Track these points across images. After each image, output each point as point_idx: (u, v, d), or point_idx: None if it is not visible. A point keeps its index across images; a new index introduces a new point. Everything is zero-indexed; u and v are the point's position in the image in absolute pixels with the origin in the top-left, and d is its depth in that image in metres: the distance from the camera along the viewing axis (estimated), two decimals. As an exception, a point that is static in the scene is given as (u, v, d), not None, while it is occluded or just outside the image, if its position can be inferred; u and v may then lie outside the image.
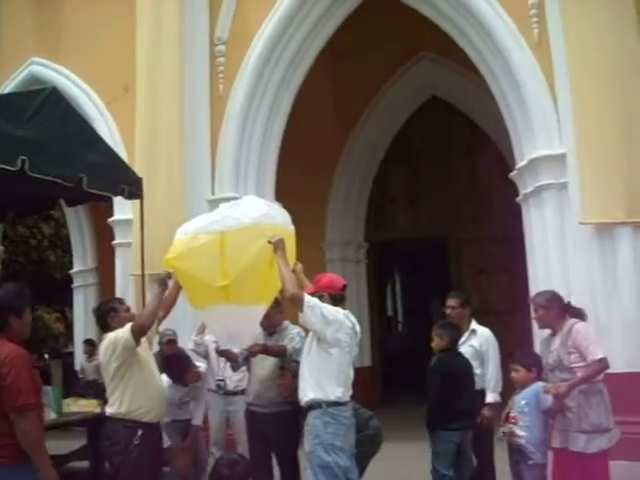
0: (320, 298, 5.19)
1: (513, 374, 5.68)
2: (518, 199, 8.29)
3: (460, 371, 5.94)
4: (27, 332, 4.35)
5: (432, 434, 5.84)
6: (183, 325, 7.56)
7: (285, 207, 5.83)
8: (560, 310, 5.62)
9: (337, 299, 5.37)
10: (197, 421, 6.93)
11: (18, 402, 4.01)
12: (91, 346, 12.01)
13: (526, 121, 7.90)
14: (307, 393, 5.12)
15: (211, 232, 5.18)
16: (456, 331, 6.19)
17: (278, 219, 5.35)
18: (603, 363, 5.36)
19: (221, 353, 6.47)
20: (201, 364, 7.15)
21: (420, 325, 15.68)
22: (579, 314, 5.64)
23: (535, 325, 6.01)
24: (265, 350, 6.03)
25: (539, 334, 6.37)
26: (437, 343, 6.05)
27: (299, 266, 5.68)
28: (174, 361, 6.72)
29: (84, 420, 7.61)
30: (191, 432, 6.87)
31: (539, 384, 5.54)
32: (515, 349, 6.48)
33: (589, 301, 7.08)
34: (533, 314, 5.77)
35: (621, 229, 7.19)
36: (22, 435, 4.01)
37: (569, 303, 5.71)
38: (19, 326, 4.25)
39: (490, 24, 8.06)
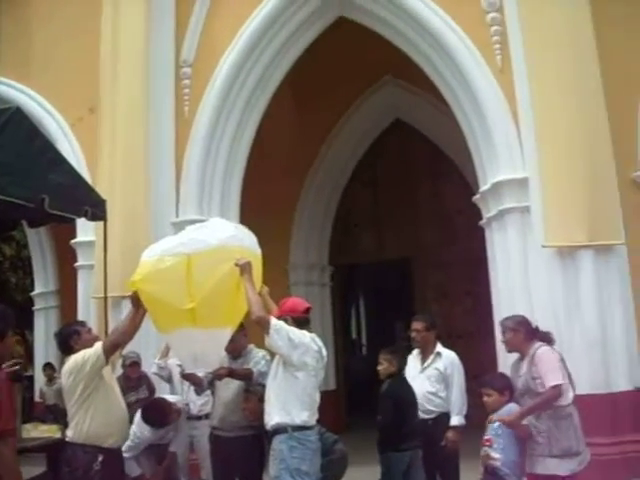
0: (284, 322, 5.18)
1: (485, 398, 5.69)
2: (481, 222, 8.37)
3: (409, 396, 6.14)
4: (8, 355, 4.29)
5: (383, 455, 5.98)
6: (147, 348, 7.51)
7: (249, 229, 5.82)
8: (528, 333, 5.67)
9: (301, 322, 5.35)
10: (174, 447, 6.85)
11: None
12: (51, 370, 11.84)
13: (489, 145, 7.99)
14: (273, 417, 5.08)
15: (177, 254, 5.13)
16: (404, 357, 6.41)
17: (245, 241, 5.33)
18: (556, 390, 5.40)
19: (186, 377, 6.40)
20: (175, 397, 7.07)
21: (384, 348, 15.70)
22: (547, 338, 5.69)
23: (500, 348, 6.05)
24: (231, 373, 5.98)
25: (504, 357, 6.42)
26: (386, 368, 6.20)
27: (265, 289, 5.66)
28: (153, 409, 6.62)
29: (44, 446, 7.44)
30: (168, 457, 6.78)
31: (511, 406, 5.56)
32: (480, 372, 6.50)
33: (552, 323, 7.13)
34: (501, 337, 5.82)
35: (583, 252, 7.28)
36: (1, 460, 3.94)
37: (537, 327, 5.76)
38: (0, 349, 4.19)
39: (454, 50, 8.16)
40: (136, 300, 5.31)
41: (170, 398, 6.90)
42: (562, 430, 5.40)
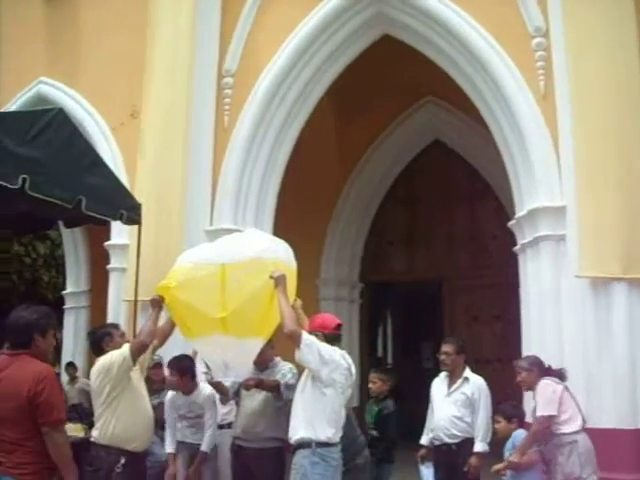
0: (315, 337, 5.18)
1: (495, 425, 5.82)
2: (515, 248, 8.30)
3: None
4: (49, 353, 4.51)
5: (383, 466, 6.62)
6: (173, 354, 7.52)
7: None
8: (541, 373, 5.78)
9: (332, 338, 5.35)
10: (205, 447, 6.78)
11: (52, 417, 4.19)
12: (73, 369, 11.93)
13: (528, 172, 7.93)
14: (298, 431, 5.08)
15: (213, 263, 5.17)
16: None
17: (281, 254, 5.35)
18: (539, 421, 5.49)
19: (214, 384, 6.41)
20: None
21: (409, 368, 15.62)
22: (559, 375, 5.76)
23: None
24: (260, 384, 5.98)
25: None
26: (379, 387, 6.53)
27: (298, 302, 5.67)
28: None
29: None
30: (198, 457, 6.77)
31: (518, 432, 5.64)
32: (506, 399, 6.47)
33: (581, 354, 7.09)
34: (517, 377, 5.89)
35: (616, 284, 7.18)
36: (55, 448, 4.21)
37: (549, 366, 5.84)
38: (43, 345, 4.36)
39: (497, 73, 8.12)
40: (157, 303, 5.36)
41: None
42: (565, 456, 5.47)
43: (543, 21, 7.99)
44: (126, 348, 5.28)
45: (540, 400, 5.65)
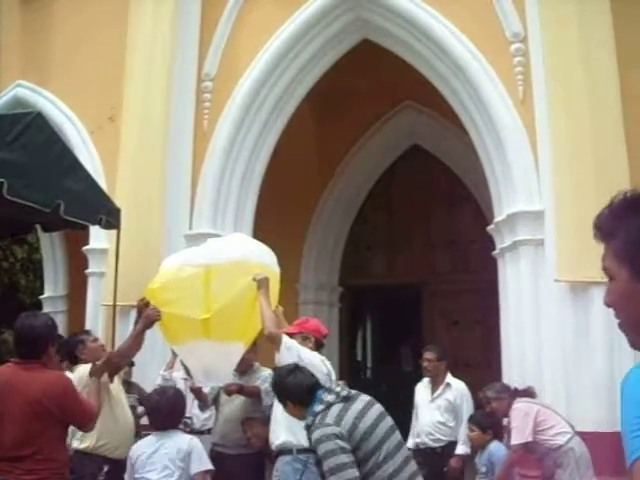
0: (304, 340, 5.18)
1: (469, 433, 5.81)
2: (494, 253, 8.33)
3: None
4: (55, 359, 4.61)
5: None
6: (152, 359, 7.49)
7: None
8: (510, 397, 5.80)
9: (321, 345, 5.38)
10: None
11: (86, 418, 4.47)
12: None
13: (507, 176, 7.97)
14: (279, 436, 5.07)
15: (197, 265, 5.17)
16: None
17: (265, 258, 5.36)
18: (514, 449, 5.55)
19: (193, 390, 6.37)
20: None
21: (389, 372, 15.62)
22: (529, 394, 5.80)
23: (507, 379, 6.08)
24: (241, 390, 5.96)
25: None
26: None
27: (280, 309, 5.67)
28: None
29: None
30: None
31: (494, 446, 5.66)
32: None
33: (560, 358, 7.12)
34: (486, 408, 5.92)
35: (595, 288, 7.20)
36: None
37: (516, 389, 5.87)
38: (53, 354, 4.44)
39: (476, 78, 8.16)
40: (143, 309, 5.33)
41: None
42: (562, 466, 5.48)
43: (521, 27, 8.05)
44: (85, 372, 5.23)
45: (513, 428, 5.65)
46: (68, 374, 5.38)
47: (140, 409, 6.90)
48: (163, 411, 5.17)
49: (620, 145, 7.36)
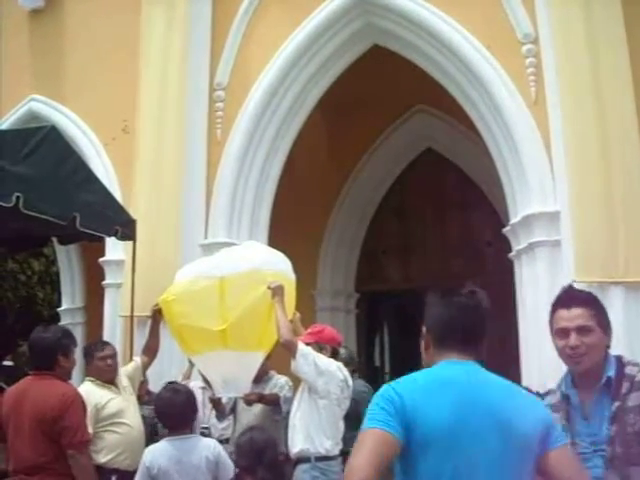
0: (320, 350, 5.17)
1: None
2: (511, 255, 8.30)
3: None
4: (72, 372, 4.55)
5: None
6: (169, 368, 7.50)
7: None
8: None
9: (335, 353, 5.38)
10: None
11: (76, 439, 4.25)
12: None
13: (521, 178, 7.94)
14: (296, 444, 5.06)
15: (211, 276, 5.16)
16: None
17: (279, 266, 5.35)
18: None
19: (212, 401, 6.36)
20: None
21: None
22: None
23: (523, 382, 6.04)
24: (261, 399, 5.95)
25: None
26: None
27: (297, 315, 5.66)
28: None
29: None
30: None
31: None
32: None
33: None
34: None
35: (613, 288, 7.18)
36: (81, 470, 4.28)
37: (538, 393, 5.82)
38: (66, 365, 4.40)
39: (487, 80, 8.14)
40: (157, 317, 5.34)
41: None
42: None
43: (532, 28, 8.03)
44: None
45: None
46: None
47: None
48: (176, 409, 4.91)
49: (633, 144, 7.33)
